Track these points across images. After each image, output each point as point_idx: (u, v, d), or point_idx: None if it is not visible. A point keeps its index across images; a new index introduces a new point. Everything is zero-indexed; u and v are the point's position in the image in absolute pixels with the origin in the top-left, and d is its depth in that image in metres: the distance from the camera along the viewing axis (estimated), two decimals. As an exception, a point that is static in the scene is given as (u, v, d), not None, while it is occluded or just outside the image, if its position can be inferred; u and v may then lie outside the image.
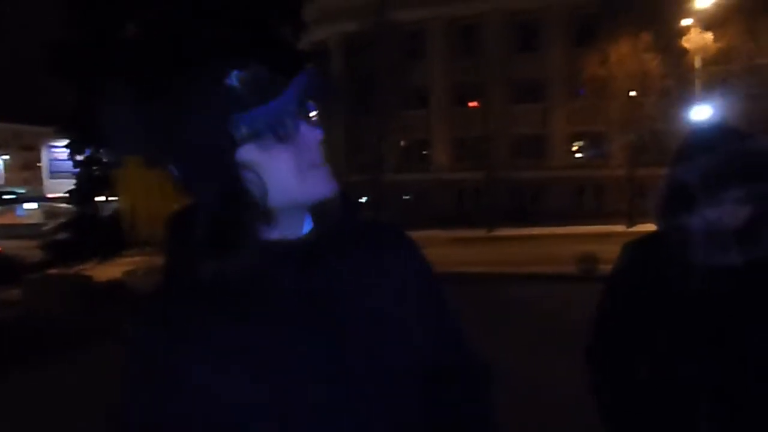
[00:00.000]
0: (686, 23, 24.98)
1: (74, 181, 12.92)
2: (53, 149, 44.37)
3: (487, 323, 6.62)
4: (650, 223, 1.76)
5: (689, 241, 1.62)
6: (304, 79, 0.93)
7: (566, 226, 27.12)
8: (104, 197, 12.84)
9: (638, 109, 27.10)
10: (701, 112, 22.53)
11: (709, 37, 24.36)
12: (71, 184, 13.07)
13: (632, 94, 27.34)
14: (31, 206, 45.19)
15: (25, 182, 50.36)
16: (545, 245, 20.73)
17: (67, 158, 13.14)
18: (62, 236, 12.99)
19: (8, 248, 16.14)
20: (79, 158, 12.58)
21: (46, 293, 10.35)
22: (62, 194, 15.82)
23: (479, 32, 37.09)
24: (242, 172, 0.92)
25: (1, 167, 49.05)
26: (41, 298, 10.24)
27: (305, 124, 0.95)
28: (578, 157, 37.21)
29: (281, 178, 0.93)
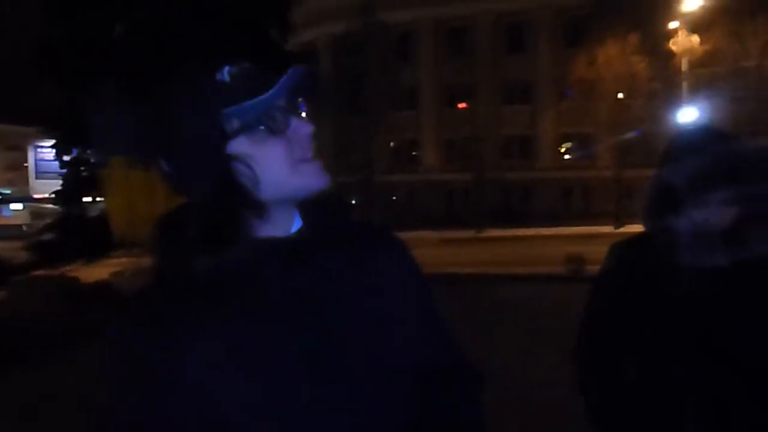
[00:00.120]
0: (673, 26, 25.17)
1: (61, 181, 12.84)
2: (40, 149, 44.05)
3: (475, 324, 6.63)
4: (638, 224, 1.77)
5: (676, 242, 1.62)
6: (294, 74, 0.93)
7: (554, 226, 27.25)
8: (91, 198, 12.76)
9: (626, 110, 27.27)
10: (688, 114, 22.69)
11: (695, 39, 24.55)
12: (58, 184, 12.98)
13: (620, 95, 27.51)
14: (17, 207, 44.87)
15: (10, 183, 50.00)
16: (533, 246, 20.81)
17: (53, 159, 13.04)
18: (48, 237, 12.88)
19: (-7, 249, 16.00)
20: (65, 159, 12.49)
21: (32, 295, 10.26)
22: (49, 195, 15.70)
23: (468, 34, 37.22)
24: (234, 164, 0.92)
25: (-14, 168, 48.73)
26: (27, 299, 10.15)
27: (296, 118, 0.96)
28: (566, 158, 37.41)
29: (273, 170, 0.93)
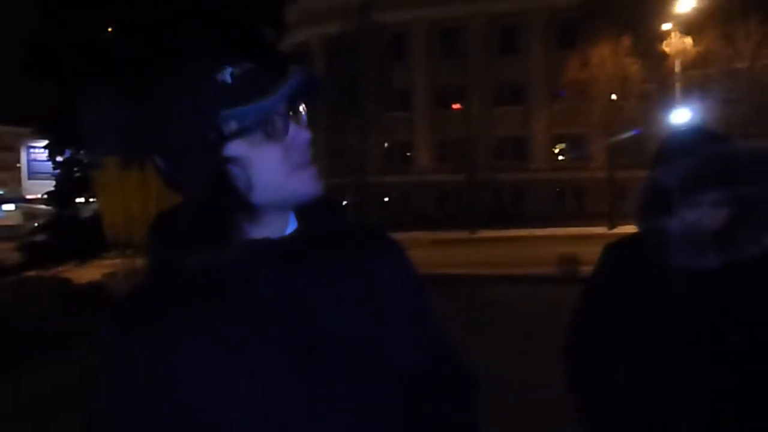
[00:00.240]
0: (666, 27, 25.27)
1: (53, 182, 12.77)
2: (32, 150, 43.83)
3: (468, 324, 6.63)
4: (631, 224, 1.78)
5: (668, 243, 1.63)
6: (296, 80, 0.92)
7: (547, 227, 27.32)
8: (84, 199, 12.71)
9: (619, 111, 27.36)
10: (680, 115, 22.78)
11: (688, 41, 24.65)
12: (50, 185, 12.91)
13: (613, 97, 27.60)
14: (9, 208, 44.64)
15: (3, 183, 49.74)
16: (527, 247, 20.84)
17: (46, 159, 12.97)
18: (40, 238, 12.81)
19: (-15, 250, 15.89)
20: (58, 159, 12.43)
21: (23, 296, 10.20)
22: (41, 195, 15.63)
23: (461, 35, 37.29)
24: (229, 166, 0.92)
25: (-22, 168, 48.43)
26: (19, 300, 10.09)
27: (294, 124, 0.96)
28: (560, 159, 37.51)
29: (269, 175, 0.93)
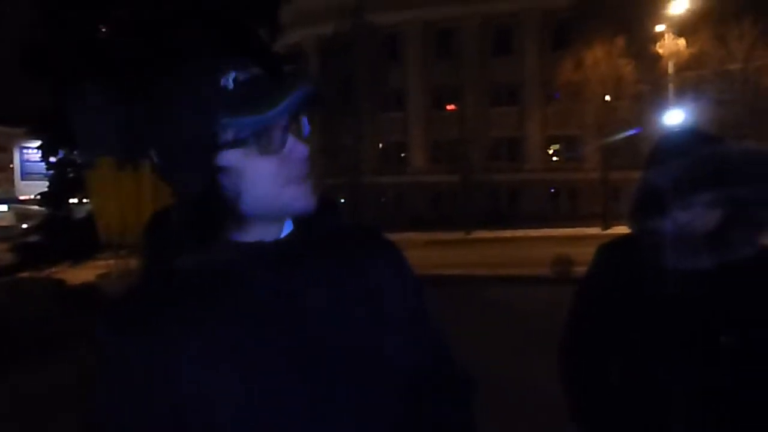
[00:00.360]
0: (660, 29, 25.36)
1: (47, 183, 12.73)
2: (25, 151, 43.63)
3: (464, 325, 6.64)
4: (625, 225, 1.78)
5: (661, 244, 1.63)
6: (299, 94, 0.90)
7: (542, 228, 27.35)
8: (77, 199, 12.66)
9: (613, 112, 27.43)
10: (674, 116, 22.87)
11: (681, 42, 24.74)
12: (44, 186, 12.87)
13: (607, 98, 27.66)
14: (2, 208, 44.43)
15: (-5, 184, 49.49)
16: (521, 247, 20.87)
17: (39, 160, 12.93)
18: (34, 239, 12.76)
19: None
20: (52, 160, 12.38)
21: (17, 297, 10.16)
22: (34, 196, 15.57)
23: (456, 36, 37.32)
24: (219, 175, 0.90)
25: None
26: (12, 301, 10.06)
27: (293, 138, 0.94)
28: (553, 160, 37.58)
29: (262, 187, 0.92)
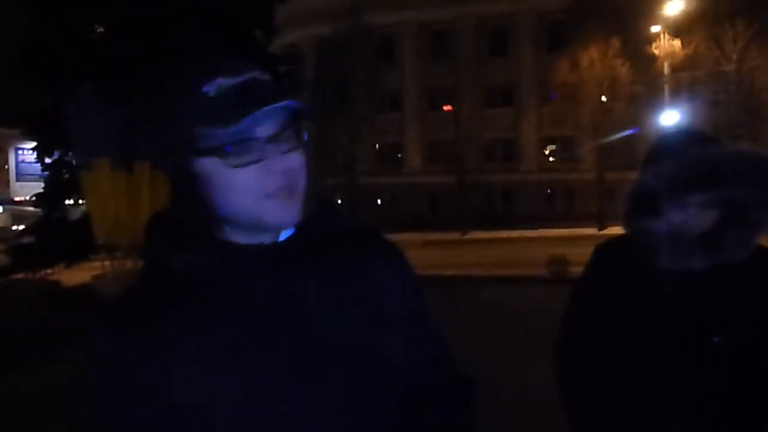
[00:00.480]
0: (655, 30, 25.43)
1: (42, 184, 12.70)
2: (20, 152, 43.49)
3: (459, 325, 6.63)
4: (620, 226, 1.78)
5: (655, 244, 1.64)
6: (288, 106, 0.87)
7: (537, 229, 27.39)
8: (73, 200, 12.64)
9: (608, 113, 27.48)
10: (669, 117, 22.93)
11: (677, 44, 24.82)
12: (39, 187, 12.84)
13: (602, 99, 27.71)
14: (-3, 209, 44.30)
15: (-10, 185, 49.29)
16: (517, 248, 20.89)
17: (35, 161, 12.90)
18: (28, 240, 12.74)
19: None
20: (47, 161, 12.36)
21: (11, 298, 10.14)
22: (29, 197, 15.54)
23: (451, 37, 37.37)
24: (196, 182, 0.90)
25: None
26: (7, 303, 10.03)
27: (275, 150, 0.89)
28: (549, 160, 37.63)
29: (237, 199, 0.90)
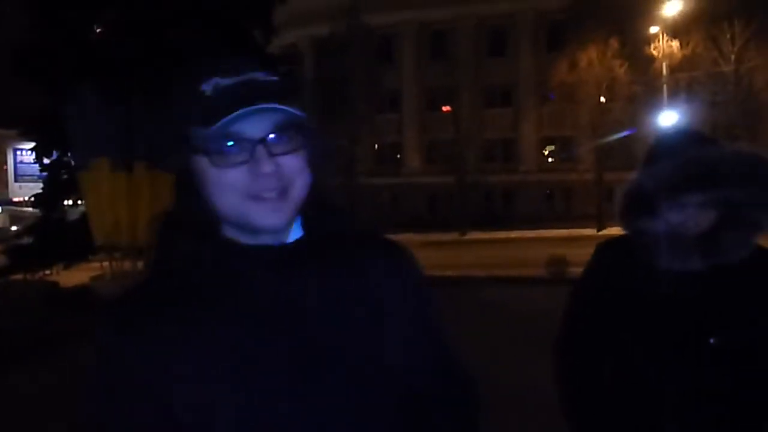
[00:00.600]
0: (653, 31, 25.45)
1: (40, 185, 12.69)
2: (19, 152, 43.44)
3: (459, 325, 6.64)
4: (619, 226, 1.78)
5: (652, 244, 1.64)
6: (278, 108, 0.87)
7: (537, 229, 27.39)
8: (71, 201, 12.64)
9: (606, 114, 27.49)
10: (667, 117, 22.96)
11: (675, 44, 24.84)
12: (37, 188, 12.84)
13: (601, 99, 27.71)
14: (-5, 210, 44.24)
15: (-12, 186, 49.22)
16: (516, 248, 20.88)
17: (33, 162, 12.89)
18: (27, 241, 12.73)
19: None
20: (45, 161, 12.35)
21: (9, 299, 10.14)
22: (28, 198, 15.53)
23: (450, 37, 37.35)
24: (194, 180, 0.92)
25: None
26: (5, 304, 10.03)
27: (267, 153, 0.89)
28: (548, 161, 37.64)
29: (224, 198, 0.90)
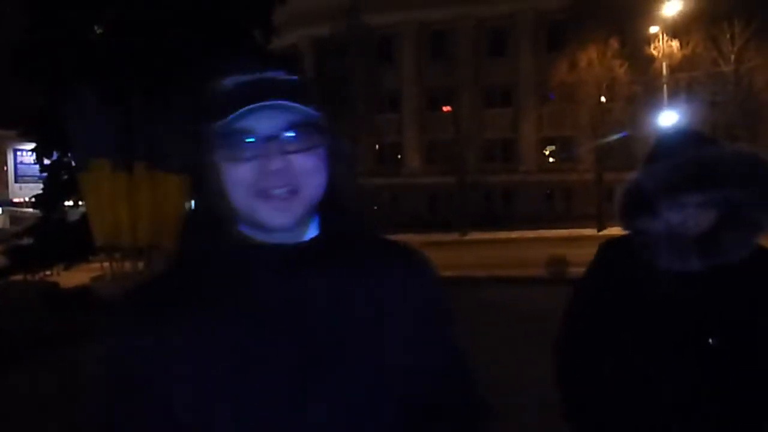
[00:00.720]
0: (653, 31, 25.45)
1: (41, 185, 12.69)
2: (20, 153, 43.45)
3: (459, 325, 6.64)
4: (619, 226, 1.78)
5: (651, 244, 1.64)
6: (289, 106, 0.88)
7: (536, 229, 27.39)
8: (72, 202, 12.63)
9: (607, 114, 27.49)
10: (667, 117, 22.96)
11: (675, 44, 24.85)
12: (37, 188, 12.84)
13: (601, 99, 27.71)
14: (-5, 211, 44.27)
15: (-11, 186, 49.22)
16: (516, 248, 20.88)
17: (33, 162, 12.89)
18: (26, 241, 12.73)
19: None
20: (46, 162, 12.35)
21: (9, 300, 10.13)
22: (28, 199, 15.54)
23: (450, 37, 37.34)
24: (209, 175, 0.91)
25: (-36, 171, 47.85)
26: (5, 304, 10.03)
27: (278, 150, 0.89)
28: (548, 161, 37.63)
29: (237, 193, 0.90)
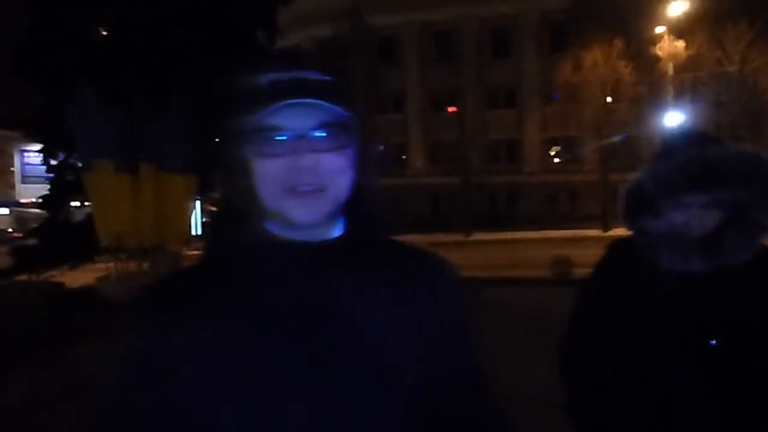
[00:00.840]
0: (658, 31, 25.37)
1: (47, 186, 12.71)
2: (26, 154, 43.55)
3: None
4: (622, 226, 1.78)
5: (654, 244, 1.64)
6: (319, 105, 0.88)
7: (541, 230, 27.34)
8: (78, 202, 12.65)
9: (611, 114, 27.42)
10: (673, 118, 22.90)
11: (680, 44, 24.76)
12: (44, 189, 12.86)
13: (607, 99, 27.63)
14: (2, 211, 44.33)
15: (-5, 187, 49.33)
16: (520, 249, 20.83)
17: (40, 163, 12.93)
18: (33, 242, 12.76)
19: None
20: (52, 163, 12.38)
21: (15, 300, 10.15)
22: (35, 200, 15.57)
23: (454, 38, 37.31)
24: (239, 169, 0.92)
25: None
26: (10, 304, 10.04)
27: (309, 148, 0.89)
28: (553, 162, 37.56)
29: (263, 190, 0.90)
